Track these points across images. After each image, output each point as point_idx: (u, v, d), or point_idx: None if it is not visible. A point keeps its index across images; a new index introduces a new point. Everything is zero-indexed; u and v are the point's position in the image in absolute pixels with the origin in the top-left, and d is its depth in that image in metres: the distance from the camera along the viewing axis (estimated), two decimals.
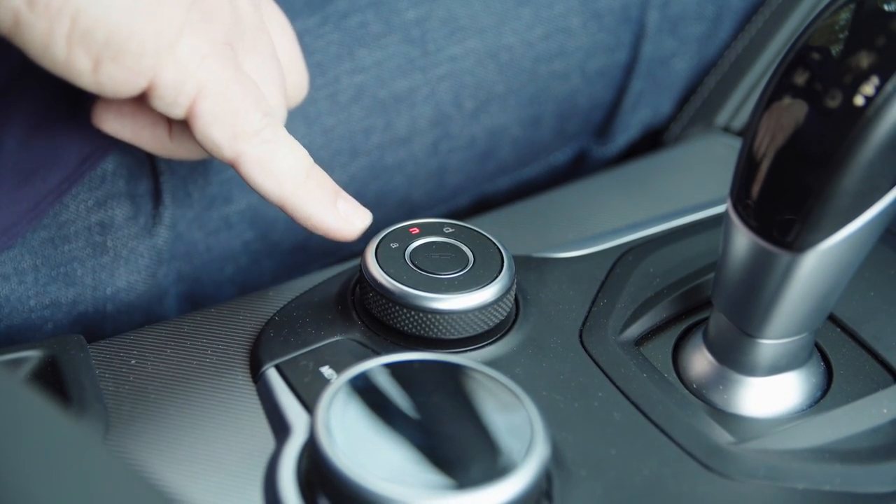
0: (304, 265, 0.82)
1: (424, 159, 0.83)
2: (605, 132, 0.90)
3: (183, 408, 0.60)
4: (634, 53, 0.87)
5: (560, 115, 0.87)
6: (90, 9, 0.56)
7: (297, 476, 0.55)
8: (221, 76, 0.60)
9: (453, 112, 0.82)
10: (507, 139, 0.86)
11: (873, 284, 0.67)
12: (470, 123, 0.83)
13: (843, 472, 0.58)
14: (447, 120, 0.82)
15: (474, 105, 0.83)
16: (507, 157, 0.87)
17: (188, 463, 0.58)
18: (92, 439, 0.45)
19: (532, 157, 0.88)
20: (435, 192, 0.85)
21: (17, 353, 0.61)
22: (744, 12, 0.90)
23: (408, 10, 0.80)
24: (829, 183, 0.54)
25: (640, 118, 0.90)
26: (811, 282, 0.57)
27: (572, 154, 0.91)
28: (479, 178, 0.86)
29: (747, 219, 0.57)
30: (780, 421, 0.61)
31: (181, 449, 0.58)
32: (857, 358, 0.64)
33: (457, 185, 0.86)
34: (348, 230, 0.64)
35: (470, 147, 0.84)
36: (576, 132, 0.89)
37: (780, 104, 0.56)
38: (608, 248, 0.70)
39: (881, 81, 0.52)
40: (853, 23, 0.55)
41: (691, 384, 0.63)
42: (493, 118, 0.84)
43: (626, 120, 0.90)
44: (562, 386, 0.62)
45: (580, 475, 0.57)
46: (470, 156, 0.85)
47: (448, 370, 0.57)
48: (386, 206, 0.82)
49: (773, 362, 0.61)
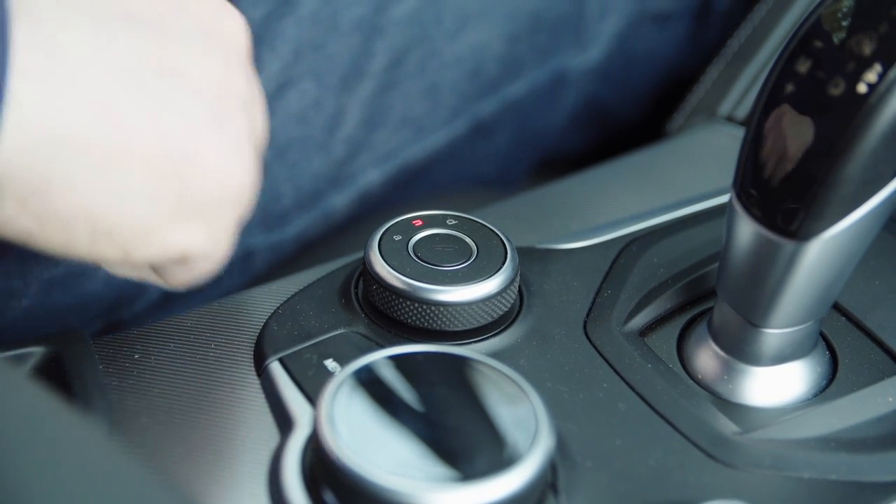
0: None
1: (418, 76, 0.88)
2: (577, 44, 0.96)
3: (187, 402, 0.60)
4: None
5: (533, 30, 0.93)
6: (107, 210, 0.52)
7: (301, 469, 0.55)
8: (227, 246, 0.57)
9: (434, 31, 0.89)
10: (490, 56, 0.92)
11: (878, 273, 0.67)
12: (452, 41, 0.89)
13: (849, 460, 0.58)
14: (430, 39, 0.89)
15: (454, 24, 0.90)
16: (493, 74, 0.92)
17: (192, 456, 0.58)
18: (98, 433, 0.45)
19: (515, 72, 0.94)
20: (433, 112, 0.89)
21: (20, 349, 0.61)
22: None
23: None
24: (832, 171, 0.54)
25: (609, 27, 0.97)
26: (816, 270, 0.57)
27: (552, 72, 0.96)
28: (470, 96, 0.91)
29: (751, 208, 0.57)
30: (785, 410, 0.61)
31: (185, 443, 0.58)
32: (863, 347, 0.64)
33: (452, 106, 0.90)
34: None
35: (457, 65, 0.89)
36: (550, 46, 0.95)
37: (782, 93, 0.56)
38: (612, 239, 0.70)
39: (884, 68, 0.52)
40: (855, 10, 0.55)
41: (696, 374, 0.63)
42: (474, 35, 0.91)
43: (595, 28, 0.96)
44: (566, 377, 0.61)
45: (585, 466, 0.57)
46: (459, 75, 0.90)
47: (452, 362, 0.57)
48: (389, 126, 0.87)
49: (778, 352, 0.61)
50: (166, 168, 0.52)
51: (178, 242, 0.54)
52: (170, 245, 0.54)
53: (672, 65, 1.03)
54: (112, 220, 0.52)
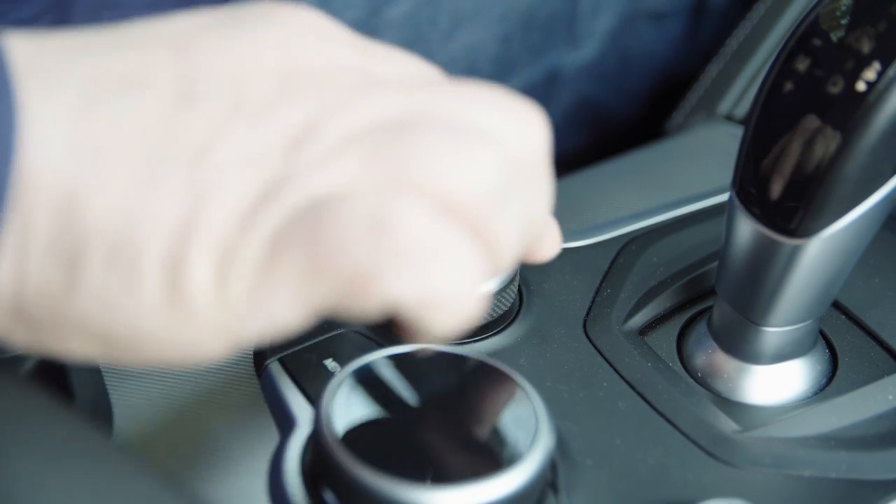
0: None
1: None
2: (570, 41, 0.96)
3: (187, 402, 0.60)
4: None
5: (526, 29, 0.93)
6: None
7: (301, 469, 0.55)
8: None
9: (429, 32, 0.89)
10: (484, 56, 0.92)
11: (877, 271, 0.67)
12: (447, 42, 0.90)
13: (849, 459, 0.58)
14: (425, 40, 0.88)
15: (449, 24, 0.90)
16: (487, 73, 0.93)
17: (193, 457, 0.58)
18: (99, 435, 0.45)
19: (509, 71, 0.94)
20: None
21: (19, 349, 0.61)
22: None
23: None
24: (831, 169, 0.54)
25: (602, 24, 0.97)
26: (815, 269, 0.57)
27: (545, 70, 0.97)
28: None
29: (750, 207, 0.57)
30: (785, 409, 0.61)
31: (186, 443, 0.59)
32: (862, 345, 0.64)
33: None
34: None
35: (451, 66, 0.90)
36: (544, 44, 0.95)
37: (781, 91, 0.56)
38: (611, 238, 0.70)
39: (883, 66, 0.52)
40: (854, 8, 0.55)
41: (696, 373, 0.63)
42: (468, 36, 0.91)
43: (588, 26, 0.96)
44: (566, 376, 0.61)
45: (585, 465, 0.57)
46: (453, 75, 0.89)
47: (452, 361, 0.57)
48: None
49: (778, 350, 0.61)
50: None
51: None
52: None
53: (668, 63, 1.03)
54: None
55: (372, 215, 0.43)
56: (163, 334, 0.43)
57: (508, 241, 0.46)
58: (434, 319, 0.45)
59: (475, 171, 0.45)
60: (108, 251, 0.42)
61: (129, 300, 0.42)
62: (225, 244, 0.42)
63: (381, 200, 0.43)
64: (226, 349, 0.44)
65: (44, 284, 0.42)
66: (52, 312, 0.42)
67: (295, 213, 0.43)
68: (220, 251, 0.42)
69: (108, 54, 0.44)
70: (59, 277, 0.42)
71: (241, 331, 0.44)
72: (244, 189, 0.43)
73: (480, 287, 0.45)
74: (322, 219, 0.43)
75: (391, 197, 0.44)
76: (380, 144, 0.44)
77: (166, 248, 0.42)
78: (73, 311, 0.42)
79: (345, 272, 0.43)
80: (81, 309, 0.42)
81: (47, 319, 0.43)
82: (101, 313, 0.42)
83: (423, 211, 0.44)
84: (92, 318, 0.42)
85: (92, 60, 0.43)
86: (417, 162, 0.44)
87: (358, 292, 0.43)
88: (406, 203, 0.44)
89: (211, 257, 0.42)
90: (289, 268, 0.43)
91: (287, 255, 0.43)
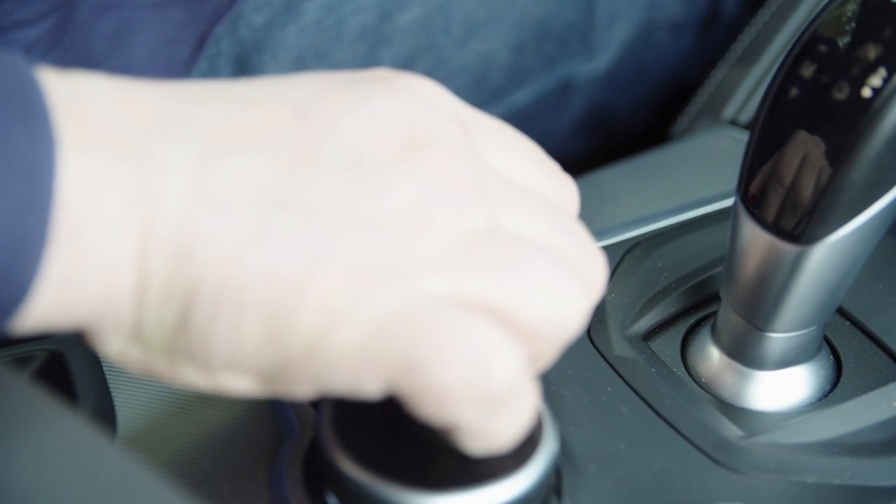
0: None
1: None
2: (584, 52, 0.96)
3: (189, 406, 0.60)
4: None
5: (540, 38, 0.93)
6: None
7: (303, 472, 0.55)
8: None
9: (442, 40, 0.88)
10: (497, 65, 0.91)
11: (882, 277, 0.67)
12: (459, 50, 0.89)
13: (853, 465, 0.58)
14: (437, 48, 0.88)
15: (462, 32, 0.89)
16: (499, 82, 0.92)
17: (195, 460, 0.58)
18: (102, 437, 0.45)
19: (521, 80, 0.93)
20: None
21: (23, 349, 0.61)
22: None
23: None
24: (836, 175, 0.54)
25: (618, 35, 0.96)
26: (820, 275, 0.57)
27: (558, 79, 0.96)
28: (474, 104, 0.91)
29: (755, 212, 0.57)
30: (789, 415, 0.61)
31: (188, 447, 0.58)
32: (867, 351, 0.64)
33: None
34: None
35: (463, 73, 0.90)
36: (557, 54, 0.95)
37: (786, 97, 0.56)
38: (615, 243, 0.70)
39: (888, 73, 0.52)
40: (860, 14, 0.54)
41: (700, 379, 0.63)
42: (481, 44, 0.91)
43: (603, 36, 0.95)
44: (570, 381, 0.61)
45: (589, 470, 0.57)
46: (464, 83, 0.90)
47: None
48: None
49: (782, 356, 0.61)
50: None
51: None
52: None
53: (676, 72, 1.03)
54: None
55: (478, 365, 0.45)
56: (260, 370, 0.46)
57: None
58: (480, 447, 0.49)
59: (571, 315, 0.48)
60: (216, 295, 0.44)
61: (230, 339, 0.45)
62: (335, 308, 0.45)
63: (485, 346, 0.45)
64: (310, 394, 0.47)
65: (158, 319, 0.45)
66: (165, 341, 0.46)
67: (406, 306, 0.45)
68: (328, 312, 0.45)
69: (232, 110, 0.46)
70: (171, 313, 0.45)
71: (325, 384, 0.46)
72: (359, 258, 0.45)
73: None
74: (426, 340, 0.45)
75: (495, 339, 0.46)
76: (492, 262, 0.47)
77: (275, 298, 0.44)
78: (181, 344, 0.46)
79: (433, 397, 0.46)
80: (187, 342, 0.45)
81: (159, 346, 0.46)
82: (205, 349, 0.46)
83: (518, 357, 0.46)
84: (197, 352, 0.46)
85: (215, 115, 0.45)
86: (522, 295, 0.47)
87: (431, 411, 0.46)
88: (506, 349, 0.46)
89: (317, 318, 0.45)
90: (380, 356, 0.45)
91: (385, 352, 0.45)
